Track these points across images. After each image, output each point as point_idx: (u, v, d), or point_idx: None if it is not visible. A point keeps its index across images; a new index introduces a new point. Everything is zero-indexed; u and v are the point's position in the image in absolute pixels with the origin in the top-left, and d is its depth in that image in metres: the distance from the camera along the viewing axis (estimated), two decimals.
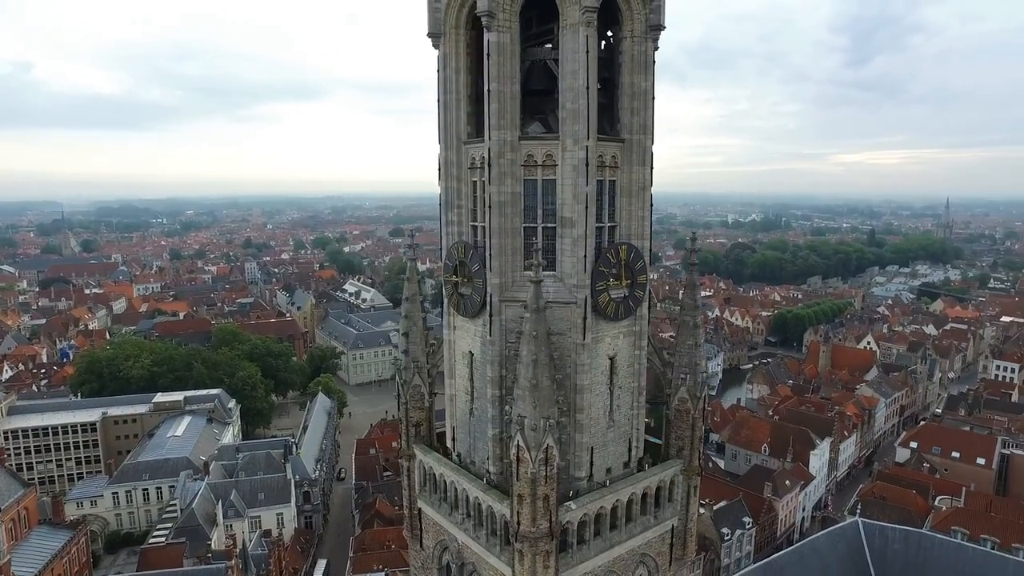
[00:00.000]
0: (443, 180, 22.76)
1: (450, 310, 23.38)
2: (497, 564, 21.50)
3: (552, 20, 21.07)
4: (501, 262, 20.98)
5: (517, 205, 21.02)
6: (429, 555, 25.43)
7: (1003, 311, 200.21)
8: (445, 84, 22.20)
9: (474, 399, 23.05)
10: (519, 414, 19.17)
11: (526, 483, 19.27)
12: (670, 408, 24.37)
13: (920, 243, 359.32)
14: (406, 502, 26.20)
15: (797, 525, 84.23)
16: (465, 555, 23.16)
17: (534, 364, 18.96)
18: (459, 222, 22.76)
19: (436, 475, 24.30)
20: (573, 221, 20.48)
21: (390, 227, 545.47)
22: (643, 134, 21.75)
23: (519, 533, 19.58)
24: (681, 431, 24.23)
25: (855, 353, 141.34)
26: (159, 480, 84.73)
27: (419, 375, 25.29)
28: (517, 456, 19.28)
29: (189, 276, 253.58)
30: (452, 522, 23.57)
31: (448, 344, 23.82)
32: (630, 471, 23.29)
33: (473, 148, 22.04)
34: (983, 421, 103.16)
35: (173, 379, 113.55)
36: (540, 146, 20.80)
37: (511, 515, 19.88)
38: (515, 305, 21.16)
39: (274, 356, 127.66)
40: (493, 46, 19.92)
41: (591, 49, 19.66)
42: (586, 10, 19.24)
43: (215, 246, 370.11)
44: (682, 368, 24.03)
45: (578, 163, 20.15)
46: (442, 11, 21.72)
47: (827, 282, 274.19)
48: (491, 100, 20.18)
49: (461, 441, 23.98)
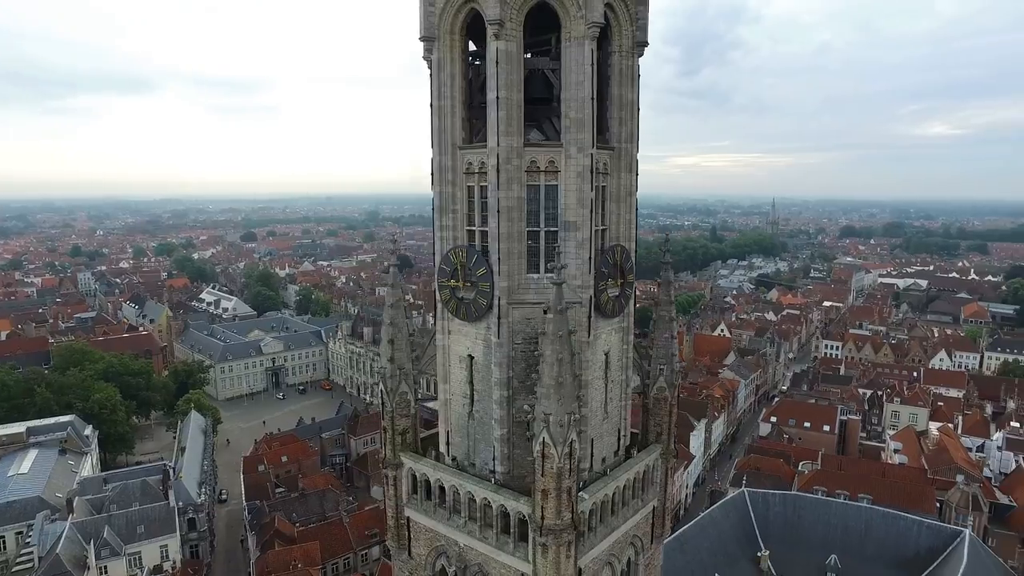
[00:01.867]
0: (437, 185, 22.75)
1: (445, 315, 23.42)
2: (510, 561, 21.95)
3: (546, 32, 21.94)
4: (509, 266, 21.47)
5: (521, 210, 21.60)
6: (420, 563, 25.21)
7: (823, 297, 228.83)
8: (440, 89, 22.25)
9: (474, 402, 23.28)
10: (544, 411, 19.81)
11: (551, 478, 19.97)
12: (648, 397, 26.13)
13: (753, 239, 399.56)
14: (391, 512, 25.73)
15: (683, 501, 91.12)
16: (469, 557, 23.32)
17: (559, 363, 19.69)
18: (454, 227, 22.87)
19: (431, 481, 24.17)
20: (577, 225, 21.44)
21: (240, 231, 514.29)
22: (630, 143, 23.21)
23: (544, 527, 20.22)
24: (660, 418, 26.08)
25: (714, 340, 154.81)
26: (4, 527, 73.96)
27: (405, 382, 24.99)
28: (542, 452, 19.91)
29: (7, 290, 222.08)
30: (452, 526, 23.61)
31: (442, 349, 23.82)
32: (620, 459, 24.72)
33: (470, 153, 22.30)
34: (822, 394, 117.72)
35: (9, 408, 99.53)
36: (544, 152, 21.52)
37: (534, 510, 20.46)
38: (522, 307, 21.77)
39: (132, 374, 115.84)
40: (502, 54, 20.37)
41: (595, 62, 20.77)
42: (592, 25, 20.30)
43: (35, 255, 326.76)
44: (660, 360, 25.88)
45: (582, 169, 21.16)
46: (436, 15, 21.76)
47: (678, 276, 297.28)
48: (500, 107, 20.60)
49: (457, 445, 24.07)
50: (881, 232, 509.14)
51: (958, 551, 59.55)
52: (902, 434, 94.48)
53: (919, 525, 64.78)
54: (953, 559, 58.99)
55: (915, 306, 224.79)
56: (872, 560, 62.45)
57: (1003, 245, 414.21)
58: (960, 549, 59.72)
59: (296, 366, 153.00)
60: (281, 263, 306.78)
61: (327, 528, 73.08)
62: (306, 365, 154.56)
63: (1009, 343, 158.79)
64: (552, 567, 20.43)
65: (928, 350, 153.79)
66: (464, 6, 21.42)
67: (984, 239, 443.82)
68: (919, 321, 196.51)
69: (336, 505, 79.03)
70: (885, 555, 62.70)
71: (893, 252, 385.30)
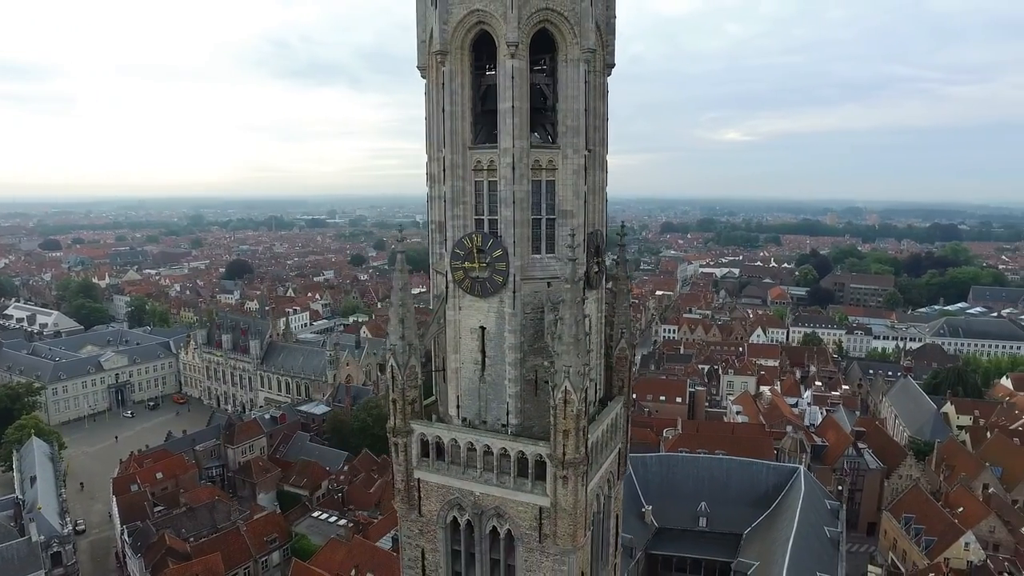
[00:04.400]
0: (449, 180, 26.12)
1: (457, 292, 26.79)
2: (528, 499, 25.97)
3: (540, 52, 26.19)
4: (521, 248, 25.49)
5: (529, 201, 25.70)
6: (431, 519, 28.28)
7: (655, 287, 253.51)
8: (451, 97, 25.62)
9: (485, 367, 26.92)
10: (565, 364, 24.10)
11: (571, 419, 24.35)
12: (612, 356, 31.33)
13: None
14: (400, 477, 28.48)
15: None
16: (485, 503, 26.93)
17: (576, 323, 24.12)
18: (464, 216, 26.37)
19: (444, 441, 27.42)
20: (573, 213, 26.02)
21: (37, 239, 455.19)
22: (602, 146, 28.19)
23: (565, 461, 24.54)
24: (621, 373, 31.40)
25: None
26: None
27: (414, 356, 27.93)
28: (564, 399, 24.21)
29: None
30: (467, 479, 27.04)
31: (453, 323, 27.15)
32: (598, 408, 29.66)
33: (479, 153, 25.95)
34: (670, 371, 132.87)
35: None
36: (545, 153, 25.79)
37: (555, 449, 24.67)
38: (530, 282, 25.89)
39: None
40: (516, 71, 24.34)
41: (587, 80, 25.45)
42: (586, 51, 24.97)
43: None
44: (621, 325, 31.18)
45: (577, 168, 25.79)
46: (449, 33, 25.13)
47: None
48: (514, 115, 24.55)
49: (467, 407, 27.54)
50: (696, 227, 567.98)
51: (796, 484, 72.50)
52: (741, 398, 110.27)
53: (767, 468, 77.43)
54: (793, 490, 71.72)
55: (731, 292, 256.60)
56: (734, 502, 73.77)
57: (791, 237, 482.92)
58: (798, 482, 72.72)
59: (143, 381, 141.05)
60: (99, 272, 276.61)
61: (223, 539, 70.74)
62: (155, 379, 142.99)
63: (807, 319, 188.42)
64: (572, 495, 24.84)
65: (747, 328, 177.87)
66: (475, 26, 25.04)
67: (777, 232, 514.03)
68: (736, 304, 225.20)
69: (227, 516, 76.34)
70: (743, 496, 74.35)
71: (707, 245, 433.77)
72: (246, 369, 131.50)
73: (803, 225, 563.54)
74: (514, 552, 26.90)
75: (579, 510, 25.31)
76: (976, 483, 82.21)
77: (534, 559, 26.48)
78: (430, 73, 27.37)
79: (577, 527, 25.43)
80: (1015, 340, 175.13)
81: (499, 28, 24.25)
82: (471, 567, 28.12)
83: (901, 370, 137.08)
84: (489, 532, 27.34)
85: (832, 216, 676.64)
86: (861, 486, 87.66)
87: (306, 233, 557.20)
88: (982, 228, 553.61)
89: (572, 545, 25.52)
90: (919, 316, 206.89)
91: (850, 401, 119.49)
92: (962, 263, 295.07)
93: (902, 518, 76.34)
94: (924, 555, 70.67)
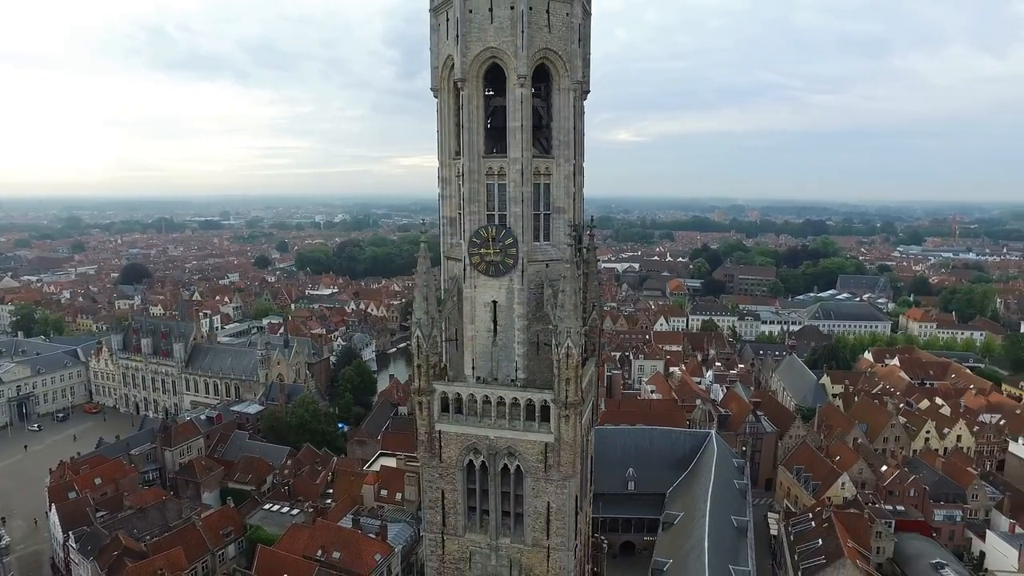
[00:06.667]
0: (467, 183, 32.23)
1: (473, 273, 32.87)
2: (535, 437, 32.54)
3: (536, 82, 32.77)
4: (527, 236, 32.02)
5: (531, 199, 32.26)
6: (451, 463, 34.20)
7: None
8: (469, 115, 31.72)
9: (497, 334, 33.20)
10: (566, 327, 30.87)
11: (572, 370, 31.17)
12: (587, 324, 38.36)
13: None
14: (423, 430, 34.19)
15: None
16: (499, 445, 33.23)
17: (575, 295, 30.98)
18: (478, 211, 32.55)
19: (463, 397, 33.45)
20: (564, 209, 32.89)
21: None
22: (580, 157, 35.17)
23: (568, 403, 31.33)
24: (594, 338, 38.60)
25: None
26: None
27: (435, 328, 33.77)
28: (566, 353, 30.99)
29: None
30: (484, 426, 33.23)
31: (469, 299, 33.23)
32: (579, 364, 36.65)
33: (491, 161, 32.24)
34: None
35: None
36: (543, 162, 32.47)
37: (558, 394, 31.39)
38: (534, 264, 32.50)
39: None
40: (524, 97, 30.85)
41: (575, 105, 32.38)
42: (576, 83, 31.91)
43: None
44: (592, 299, 38.33)
45: (568, 173, 32.70)
46: (468, 64, 31.22)
47: None
48: (522, 132, 31.07)
49: (481, 367, 33.69)
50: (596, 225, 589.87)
51: (710, 446, 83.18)
52: (654, 379, 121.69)
53: (684, 434, 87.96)
54: (707, 451, 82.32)
55: (633, 285, 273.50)
56: (657, 466, 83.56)
57: (683, 233, 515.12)
58: (711, 445, 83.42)
59: (49, 392, 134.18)
60: None
61: (180, 535, 71.85)
62: (61, 389, 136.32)
63: (704, 307, 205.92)
64: (572, 430, 31.72)
65: (651, 318, 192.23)
66: (488, 60, 31.27)
67: (670, 228, 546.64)
68: (639, 296, 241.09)
69: (179, 513, 77.25)
70: (665, 460, 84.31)
71: (606, 241, 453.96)
72: (169, 373, 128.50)
73: (693, 222, 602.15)
74: (523, 483, 33.40)
75: (577, 442, 32.21)
76: (848, 437, 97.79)
77: (540, 486, 33.12)
78: (442, 95, 33.46)
79: (575, 456, 32.34)
80: (873, 320, 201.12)
81: (510, 62, 30.67)
82: (484, 501, 34.31)
83: (786, 349, 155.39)
84: (500, 469, 33.64)
85: (719, 213, 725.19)
86: (760, 447, 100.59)
87: (200, 235, 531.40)
88: (845, 224, 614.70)
89: (573, 471, 32.40)
90: (798, 303, 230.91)
91: (746, 377, 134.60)
92: (831, 255, 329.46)
93: (794, 469, 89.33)
94: (811, 496, 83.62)
